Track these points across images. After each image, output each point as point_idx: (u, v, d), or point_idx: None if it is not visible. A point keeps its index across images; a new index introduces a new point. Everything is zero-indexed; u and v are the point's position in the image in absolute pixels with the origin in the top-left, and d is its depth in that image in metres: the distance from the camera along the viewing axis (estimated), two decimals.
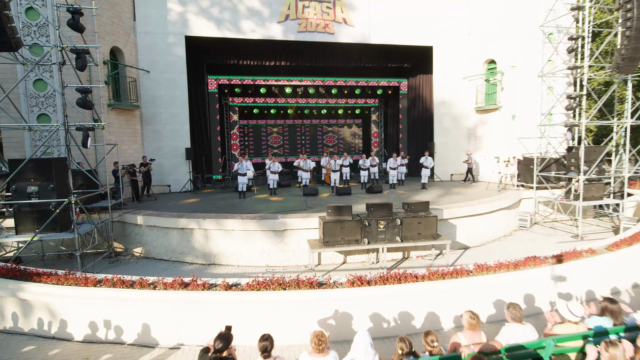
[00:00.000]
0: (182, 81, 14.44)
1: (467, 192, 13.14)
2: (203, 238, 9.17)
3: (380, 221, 8.13)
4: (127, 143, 13.53)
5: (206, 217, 9.13)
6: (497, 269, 5.61)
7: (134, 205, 11.51)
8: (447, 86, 16.43)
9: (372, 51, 16.64)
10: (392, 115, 20.03)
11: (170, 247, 9.51)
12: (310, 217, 8.84)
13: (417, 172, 17.58)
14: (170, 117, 14.46)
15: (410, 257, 9.28)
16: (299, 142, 21.26)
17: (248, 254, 8.95)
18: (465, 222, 10.00)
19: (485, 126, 16.15)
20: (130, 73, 13.67)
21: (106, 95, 12.52)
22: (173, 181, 14.65)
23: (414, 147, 18.35)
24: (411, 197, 12.02)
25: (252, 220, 8.78)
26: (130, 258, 9.89)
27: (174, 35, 14.19)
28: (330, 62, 16.72)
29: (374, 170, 15.41)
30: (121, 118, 13.22)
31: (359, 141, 22.06)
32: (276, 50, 16.03)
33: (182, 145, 14.58)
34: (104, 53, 12.44)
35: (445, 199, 11.67)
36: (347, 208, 8.01)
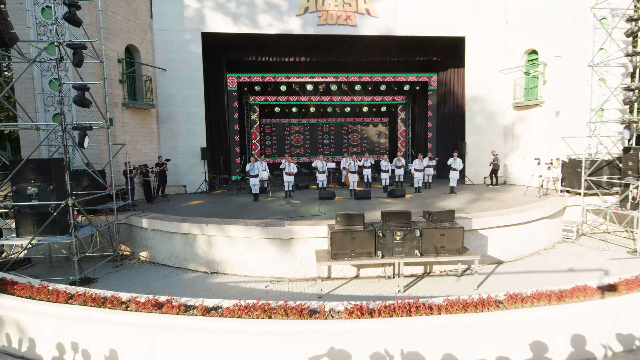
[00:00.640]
0: (197, 79, 14.05)
1: (501, 197, 11.77)
2: (206, 244, 8.59)
3: (397, 232, 7.15)
4: (143, 143, 13.32)
5: (209, 222, 8.54)
6: (535, 300, 4.51)
7: (144, 206, 11.18)
8: (481, 80, 14.99)
9: (398, 44, 15.51)
10: (420, 113, 18.75)
11: (174, 253, 9.02)
12: (319, 225, 8.00)
13: (447, 174, 16.31)
14: (185, 116, 14.12)
15: (433, 271, 8.21)
16: (320, 141, 20.45)
17: (252, 262, 8.27)
18: (498, 233, 8.77)
19: (524, 124, 14.57)
20: (147, 71, 13.44)
21: (120, 94, 12.33)
22: (189, 181, 14.32)
23: (444, 146, 17.01)
24: (437, 203, 10.87)
25: (256, 227, 8.08)
26: (135, 262, 9.52)
27: (190, 32, 13.82)
28: (352, 57, 15.76)
29: (400, 172, 14.31)
30: (136, 117, 13.01)
31: (385, 141, 20.92)
32: (295, 45, 15.31)
33: (197, 144, 14.22)
34: (119, 51, 12.25)
35: (475, 205, 10.43)
36: (359, 216, 7.10)
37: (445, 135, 17.00)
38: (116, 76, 12.12)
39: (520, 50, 14.44)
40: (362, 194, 11.61)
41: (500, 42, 14.82)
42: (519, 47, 14.43)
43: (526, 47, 14.24)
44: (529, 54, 14.40)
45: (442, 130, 17.22)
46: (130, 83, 12.95)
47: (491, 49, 14.84)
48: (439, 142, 17.38)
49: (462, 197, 11.96)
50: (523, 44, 14.32)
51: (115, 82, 12.06)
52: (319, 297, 7.01)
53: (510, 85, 14.82)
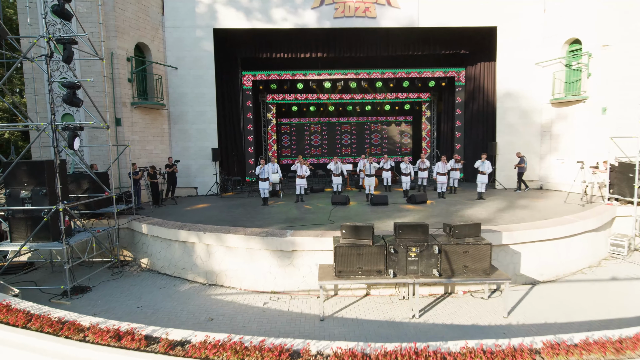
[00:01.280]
0: (209, 77, 13.57)
1: (537, 205, 10.45)
2: (204, 254, 7.96)
3: (412, 248, 6.20)
4: (153, 143, 12.98)
5: (207, 230, 7.91)
6: (585, 352, 3.47)
7: (149, 210, 10.76)
8: (515, 74, 13.59)
9: (422, 36, 14.38)
10: (446, 111, 17.45)
11: (173, 261, 8.47)
12: (325, 237, 7.16)
13: (475, 178, 15.06)
14: (197, 115, 13.68)
15: (455, 292, 7.17)
16: (338, 141, 19.57)
17: (252, 275, 7.55)
18: (533, 248, 7.59)
19: (564, 122, 13.06)
20: (157, 70, 13.09)
21: (129, 93, 12.01)
22: (200, 183, 13.87)
23: (472, 147, 15.69)
24: (462, 211, 9.75)
25: (256, 237, 7.35)
26: (135, 269, 9.06)
27: (202, 28, 13.34)
28: (372, 52, 14.78)
29: (423, 176, 13.22)
30: (146, 117, 12.68)
31: (408, 141, 19.74)
32: (311, 40, 14.53)
33: (209, 145, 13.74)
34: (128, 49, 11.93)
35: (506, 215, 9.23)
36: (367, 229, 6.20)
37: (473, 135, 15.68)
38: (125, 75, 11.80)
39: (560, 39, 12.94)
40: (379, 199, 10.66)
41: (537, 31, 13.37)
42: (559, 36, 12.93)
43: (567, 36, 12.72)
44: (571, 43, 12.88)
45: (470, 130, 15.90)
46: (141, 82, 12.62)
47: (526, 40, 13.42)
48: (467, 142, 16.06)
49: (492, 204, 10.73)
50: (564, 33, 12.81)
51: (123, 81, 11.74)
52: (321, 319, 6.19)
53: (548, 79, 13.34)
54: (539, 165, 13.90)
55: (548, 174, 13.70)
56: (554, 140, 13.45)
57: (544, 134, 13.73)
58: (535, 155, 13.84)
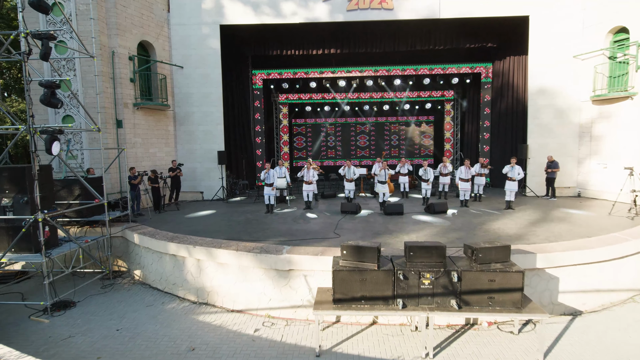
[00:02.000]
0: (215, 76, 12.92)
1: (576, 217, 9.13)
2: (195, 269, 7.23)
3: (425, 274, 5.19)
4: (157, 145, 12.46)
5: (198, 243, 7.16)
6: None
7: (148, 216, 10.17)
8: (549, 69, 12.19)
9: (444, 29, 13.20)
10: (471, 110, 16.12)
11: (164, 275, 7.79)
12: (325, 255, 6.25)
13: (502, 183, 13.76)
14: (203, 116, 13.07)
15: (479, 323, 6.09)
16: (352, 143, 18.57)
17: (245, 295, 6.74)
18: (574, 271, 6.39)
19: (606, 122, 11.57)
20: (162, 69, 12.56)
21: (131, 93, 11.51)
22: (206, 187, 13.26)
23: (499, 150, 14.37)
24: (487, 224, 8.58)
25: (249, 253, 6.52)
26: (127, 282, 8.46)
27: (208, 25, 12.71)
28: (389, 47, 13.72)
29: (445, 181, 12.07)
30: (150, 118, 12.16)
31: (430, 142, 18.49)
32: (323, 35, 13.65)
33: (215, 147, 13.10)
34: (130, 48, 11.43)
35: (540, 229, 8.00)
36: (371, 250, 5.24)
37: (501, 137, 14.33)
38: (127, 75, 11.31)
39: (603, 29, 11.46)
40: (393, 208, 9.63)
41: (575, 20, 11.93)
42: (603, 24, 11.45)
43: (612, 25, 11.24)
44: (616, 33, 11.38)
45: (497, 131, 14.54)
46: (144, 82, 12.12)
47: (563, 30, 12.00)
48: (494, 144, 14.72)
49: (522, 215, 9.48)
50: (608, 21, 11.33)
51: (125, 81, 11.26)
52: (317, 355, 5.28)
53: (588, 73, 11.87)
54: (576, 170, 12.44)
55: (587, 180, 12.22)
56: (594, 142, 11.96)
57: (582, 135, 12.26)
58: (573, 159, 12.38)
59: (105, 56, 10.81)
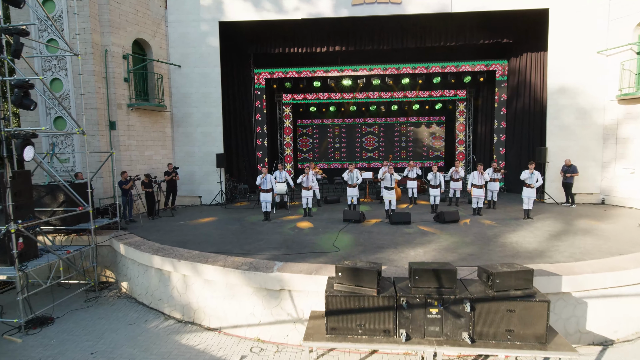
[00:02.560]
0: (215, 75, 12.36)
1: (603, 229, 8.26)
2: (181, 285, 6.65)
3: (432, 301, 4.49)
4: (153, 148, 11.96)
5: (183, 257, 6.57)
6: None
7: (139, 224, 9.65)
8: (571, 66, 11.30)
9: (456, 24, 12.41)
10: (485, 110, 15.23)
11: (150, 289, 7.23)
12: (320, 274, 5.58)
13: (518, 188, 12.92)
14: (202, 117, 12.53)
15: (495, 355, 5.33)
16: (358, 144, 17.81)
17: (233, 316, 6.12)
18: (605, 294, 5.59)
19: (635, 123, 10.64)
20: (159, 69, 12.06)
21: (126, 94, 11.02)
22: (204, 191, 12.72)
23: (515, 152, 13.50)
24: (502, 237, 7.79)
25: (236, 270, 5.90)
26: (114, 294, 7.94)
27: (207, 22, 12.16)
28: (397, 43, 12.97)
29: (457, 187, 11.29)
30: (145, 120, 11.67)
31: (440, 144, 17.63)
32: (327, 32, 12.98)
33: (214, 150, 12.55)
34: (124, 46, 10.94)
35: (563, 244, 7.18)
36: (370, 273, 4.56)
37: (516, 139, 13.46)
38: (120, 74, 10.83)
39: (631, 22, 10.53)
40: (399, 217, 8.91)
41: (599, 12, 11.02)
42: (630, 18, 10.52)
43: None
44: None
45: (512, 132, 13.66)
46: (140, 82, 11.63)
47: (586, 24, 11.10)
48: (509, 146, 13.83)
49: (542, 226, 8.65)
50: (636, 14, 10.41)
51: (119, 81, 10.77)
52: None
53: (614, 70, 10.95)
54: (600, 175, 11.51)
55: (612, 187, 11.29)
56: (620, 145, 11.02)
57: (607, 138, 11.32)
58: (596, 163, 11.46)
59: (97, 55, 10.34)
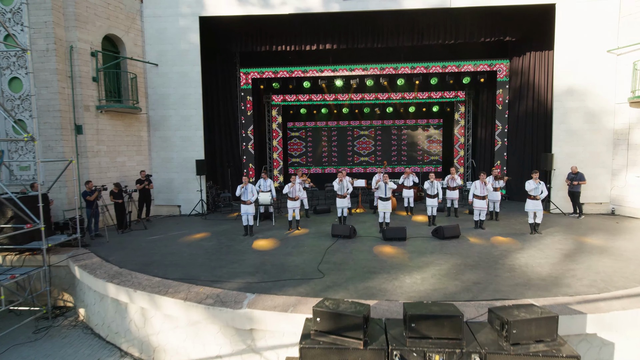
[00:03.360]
0: (195, 75, 11.41)
1: (619, 246, 7.40)
2: (139, 318, 5.69)
3: (433, 355, 3.58)
4: (127, 154, 10.97)
5: (141, 286, 5.62)
6: None
7: (105, 240, 8.67)
8: (579, 66, 10.48)
9: (455, 20, 11.53)
10: (485, 113, 14.39)
11: (107, 320, 6.27)
12: (298, 312, 4.65)
13: (519, 196, 12.14)
14: (181, 120, 11.56)
15: None
16: (349, 149, 16.90)
17: (197, 358, 5.17)
18: (635, 333, 4.72)
19: None
20: (134, 68, 11.08)
21: (94, 94, 10.04)
22: (184, 201, 11.74)
23: (518, 158, 12.69)
24: (510, 258, 6.90)
25: (199, 305, 4.96)
26: (69, 323, 6.96)
27: (187, 17, 11.21)
28: (392, 41, 12.08)
29: (453, 196, 10.41)
30: (118, 123, 10.69)
31: (438, 149, 16.78)
32: (318, 28, 12.06)
33: (195, 155, 11.58)
34: (93, 42, 9.96)
35: (579, 266, 6.30)
36: (356, 319, 3.64)
37: (519, 143, 12.62)
38: (88, 73, 9.85)
39: None
40: (394, 233, 8.00)
41: (609, 8, 10.22)
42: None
43: None
44: None
45: (514, 137, 12.83)
46: (112, 81, 10.64)
47: (595, 20, 10.29)
48: (511, 152, 12.99)
49: (552, 243, 7.78)
50: None
51: (86, 80, 9.79)
52: None
53: (626, 71, 10.14)
54: (610, 184, 10.69)
55: (623, 196, 10.47)
56: (632, 152, 10.20)
57: (617, 143, 10.51)
58: (606, 170, 10.65)
59: (61, 51, 9.36)
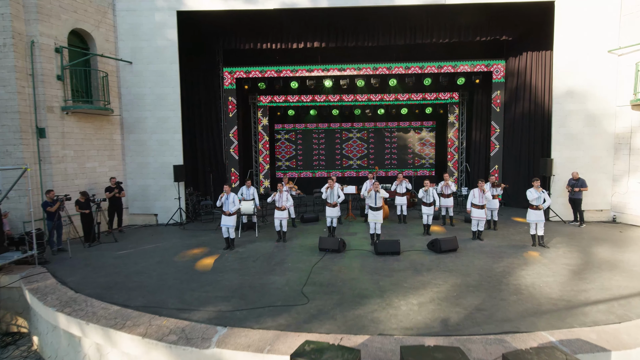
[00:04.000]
0: (172, 73, 10.62)
1: (629, 260, 6.85)
2: (94, 353, 4.91)
3: None
4: (97, 159, 10.11)
5: (95, 317, 4.84)
6: None
7: (67, 256, 7.82)
8: (579, 66, 9.99)
9: (450, 18, 10.97)
10: (480, 115, 13.87)
11: (60, 353, 5.47)
12: (274, 354, 3.93)
13: (516, 202, 11.72)
14: (157, 122, 10.74)
15: None
16: (337, 153, 16.22)
17: None
18: None
19: None
20: (106, 65, 10.23)
21: (59, 94, 9.16)
22: (161, 209, 10.91)
23: (514, 163, 12.19)
24: (514, 275, 6.27)
25: (159, 342, 4.21)
26: (19, 355, 6.13)
27: (163, 11, 10.42)
28: (384, 40, 11.46)
29: (448, 204, 9.79)
30: (87, 126, 9.82)
31: (431, 152, 16.21)
32: (306, 25, 11.38)
33: (173, 160, 10.78)
34: (58, 37, 9.09)
35: (592, 285, 5.70)
36: None
37: (515, 147, 12.13)
38: (52, 71, 8.98)
39: None
40: (387, 246, 7.33)
41: (610, 6, 9.75)
42: None
43: None
44: None
45: (511, 141, 12.33)
46: (80, 80, 9.78)
47: (596, 19, 9.82)
48: (507, 156, 12.49)
49: (557, 257, 7.19)
50: None
51: (50, 79, 8.92)
52: None
53: (628, 72, 9.69)
54: (611, 190, 10.22)
55: (625, 203, 10.00)
56: (634, 157, 9.74)
57: (619, 148, 10.04)
58: (607, 176, 10.18)
59: (21, 47, 8.48)
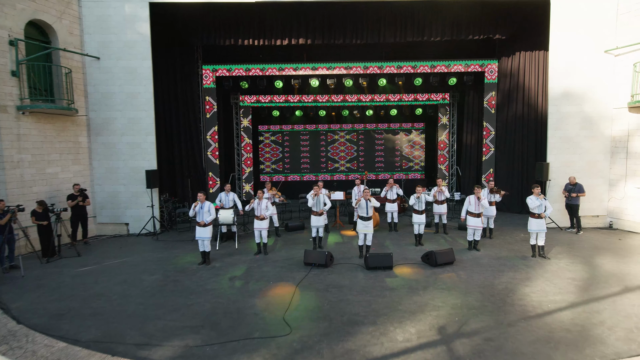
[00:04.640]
0: (144, 71, 9.78)
1: (635, 273, 6.39)
2: None
3: None
4: (59, 163, 9.18)
5: (33, 357, 4.03)
6: None
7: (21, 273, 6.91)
8: (576, 67, 9.61)
9: (441, 15, 10.47)
10: (471, 117, 13.41)
11: None
12: None
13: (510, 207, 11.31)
14: (128, 124, 9.88)
15: None
16: (323, 156, 15.57)
17: None
18: None
19: None
20: (70, 61, 9.32)
21: (14, 92, 8.22)
22: (133, 218, 10.03)
23: (507, 167, 11.79)
24: (518, 291, 5.71)
25: None
26: None
27: (134, 2, 9.59)
28: (372, 37, 10.88)
29: (441, 211, 9.23)
30: (47, 127, 8.89)
31: (421, 155, 15.72)
32: (290, 21, 10.72)
33: (146, 165, 9.92)
34: (12, 28, 8.16)
35: (604, 306, 5.17)
36: None
37: (508, 151, 11.72)
38: (5, 65, 8.04)
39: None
40: (378, 260, 6.69)
41: (607, 5, 9.39)
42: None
43: None
44: None
45: (503, 144, 11.91)
46: (40, 77, 8.83)
47: (593, 18, 9.44)
48: (500, 159, 12.05)
49: (560, 270, 6.69)
50: None
51: (3, 75, 8.00)
52: None
53: (625, 73, 9.34)
54: (607, 195, 9.86)
55: (622, 208, 9.65)
56: (632, 161, 9.39)
57: (616, 151, 9.69)
58: (603, 180, 9.82)
59: None
